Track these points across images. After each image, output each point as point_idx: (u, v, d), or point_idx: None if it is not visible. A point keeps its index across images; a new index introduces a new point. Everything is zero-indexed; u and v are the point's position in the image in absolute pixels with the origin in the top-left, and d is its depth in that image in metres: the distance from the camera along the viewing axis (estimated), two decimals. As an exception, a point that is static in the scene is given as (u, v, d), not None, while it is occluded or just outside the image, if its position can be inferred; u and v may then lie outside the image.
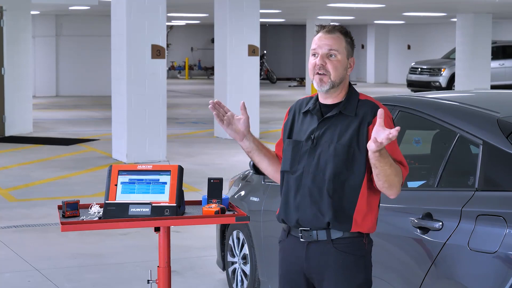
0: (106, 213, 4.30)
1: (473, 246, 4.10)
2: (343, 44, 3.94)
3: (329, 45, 3.91)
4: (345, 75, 3.95)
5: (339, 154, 3.82)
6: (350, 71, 3.98)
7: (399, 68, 38.89)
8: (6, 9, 16.89)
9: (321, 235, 3.84)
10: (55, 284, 7.04)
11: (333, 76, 3.90)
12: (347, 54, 3.95)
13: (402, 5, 23.40)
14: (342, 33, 3.95)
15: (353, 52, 4.00)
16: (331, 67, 3.90)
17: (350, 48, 3.96)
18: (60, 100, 27.09)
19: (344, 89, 3.97)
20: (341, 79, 3.92)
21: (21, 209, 10.02)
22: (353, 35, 4.06)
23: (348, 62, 3.95)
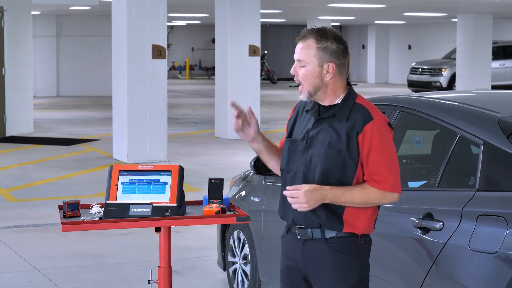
0: (106, 213, 4.30)
1: (473, 246, 4.10)
2: (313, 52, 3.83)
3: (298, 54, 3.89)
4: (319, 82, 3.84)
5: (330, 158, 3.82)
6: (330, 76, 3.84)
7: (399, 68, 38.89)
8: (7, 9, 16.89)
9: (316, 234, 3.86)
10: (56, 284, 7.04)
11: (306, 86, 3.87)
12: (319, 62, 3.83)
13: (402, 5, 23.40)
14: (316, 39, 3.83)
15: (340, 55, 3.85)
16: (301, 78, 3.88)
17: (325, 54, 3.82)
18: (60, 100, 27.09)
19: (339, 91, 3.89)
20: (316, 88, 3.85)
21: (21, 209, 10.02)
22: (354, 35, 4.03)
23: (324, 69, 3.83)
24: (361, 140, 3.79)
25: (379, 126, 3.80)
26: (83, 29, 29.40)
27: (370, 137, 3.78)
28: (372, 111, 3.84)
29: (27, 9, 17.84)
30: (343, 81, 3.91)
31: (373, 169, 3.79)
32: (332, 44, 3.82)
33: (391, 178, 3.80)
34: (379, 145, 3.78)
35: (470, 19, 26.02)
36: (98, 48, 28.90)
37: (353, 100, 3.88)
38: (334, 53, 3.83)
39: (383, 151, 3.78)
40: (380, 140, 3.78)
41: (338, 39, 3.84)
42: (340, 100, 3.88)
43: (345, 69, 3.92)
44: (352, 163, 3.80)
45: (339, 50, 3.84)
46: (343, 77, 3.90)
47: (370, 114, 3.81)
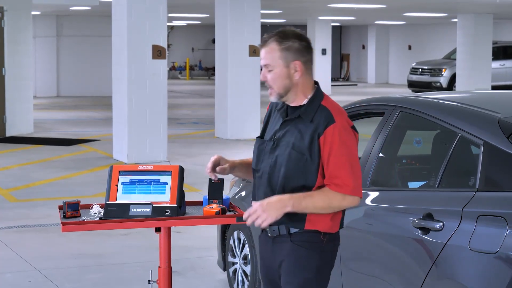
0: (107, 213, 4.30)
1: (474, 246, 4.10)
2: (277, 54, 3.85)
3: (263, 60, 3.91)
4: (289, 83, 3.87)
5: (292, 160, 3.84)
6: (299, 74, 3.86)
7: (399, 69, 38.89)
8: (7, 10, 16.89)
9: (282, 230, 3.92)
10: (56, 285, 7.04)
11: (276, 88, 3.90)
12: (285, 62, 3.85)
13: (403, 5, 23.39)
14: (277, 41, 3.85)
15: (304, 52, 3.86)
16: (270, 81, 3.90)
17: (289, 53, 3.84)
18: (60, 100, 27.10)
19: (308, 91, 3.90)
20: (286, 88, 3.88)
21: (21, 210, 10.02)
22: (354, 36, 4.05)
23: (291, 68, 3.86)
24: (322, 143, 3.80)
25: (340, 129, 3.80)
26: (83, 29, 29.40)
27: (331, 140, 3.78)
28: (335, 113, 3.84)
29: (27, 9, 17.84)
30: (311, 79, 3.94)
31: (333, 173, 3.79)
32: (294, 43, 3.86)
33: (351, 181, 3.79)
34: (339, 148, 3.79)
35: (470, 19, 26.01)
36: (98, 48, 28.91)
37: (319, 101, 3.89)
38: (298, 51, 3.86)
39: (343, 154, 3.79)
40: (341, 143, 3.79)
41: (299, 37, 3.87)
42: (306, 101, 3.89)
43: (311, 67, 3.94)
44: (313, 166, 3.81)
45: (302, 47, 3.87)
46: (310, 75, 3.93)
47: (332, 117, 3.82)
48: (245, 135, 16.50)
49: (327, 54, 31.58)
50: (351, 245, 5.01)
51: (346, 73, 42.37)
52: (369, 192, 4.99)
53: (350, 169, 3.79)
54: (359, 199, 3.84)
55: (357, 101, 5.65)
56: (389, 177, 5.41)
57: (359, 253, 5.00)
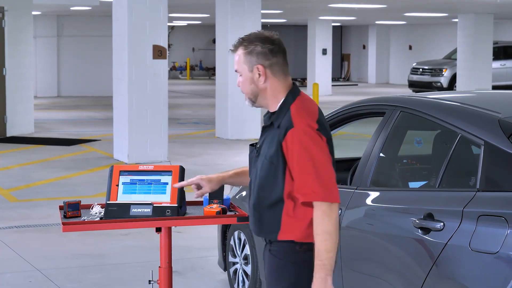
0: (107, 213, 4.30)
1: (474, 246, 4.10)
2: (242, 59, 3.79)
3: (234, 66, 3.87)
4: (255, 88, 3.80)
5: (264, 169, 3.77)
6: (263, 79, 3.77)
7: (400, 69, 38.90)
8: (8, 10, 16.90)
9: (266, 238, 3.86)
10: (56, 285, 7.04)
11: (245, 94, 3.85)
12: (249, 67, 3.78)
13: (403, 5, 23.39)
14: (242, 45, 3.79)
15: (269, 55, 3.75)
16: (240, 87, 3.87)
17: (252, 57, 3.76)
18: (61, 100, 27.10)
19: (279, 95, 3.79)
20: (255, 93, 3.80)
21: (22, 210, 10.02)
22: (355, 36, 4.02)
23: (254, 73, 3.78)
24: (285, 150, 3.69)
25: (300, 133, 3.65)
26: (84, 29, 29.41)
27: (291, 147, 3.67)
28: (296, 117, 3.69)
29: (28, 9, 17.84)
30: (283, 82, 3.80)
31: (299, 182, 3.66)
32: (256, 46, 3.76)
33: (318, 187, 3.62)
34: (300, 155, 3.64)
35: (471, 19, 26.01)
36: (98, 48, 28.91)
37: (290, 104, 3.75)
38: (261, 54, 3.76)
39: (305, 160, 3.64)
40: (301, 149, 3.64)
41: (263, 40, 3.77)
42: (278, 106, 3.79)
43: (282, 69, 3.79)
44: (281, 175, 3.71)
45: (266, 51, 3.75)
46: (280, 78, 3.79)
47: (291, 121, 3.68)
48: (246, 135, 16.51)
49: (327, 54, 31.58)
50: (351, 245, 5.01)
51: (347, 73, 42.38)
52: (369, 192, 4.99)
53: (315, 175, 3.62)
54: (337, 205, 3.65)
55: (357, 101, 5.65)
56: (389, 177, 5.41)
57: (359, 253, 5.00)
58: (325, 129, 3.74)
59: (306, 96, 3.85)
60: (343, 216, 5.03)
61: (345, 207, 5.05)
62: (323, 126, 3.73)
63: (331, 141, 3.80)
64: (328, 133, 3.77)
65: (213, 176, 4.25)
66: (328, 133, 3.77)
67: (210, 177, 4.24)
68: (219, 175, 4.26)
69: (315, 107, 3.80)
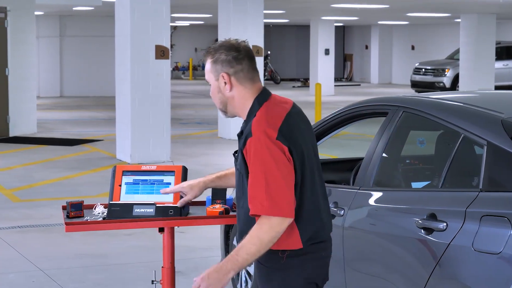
0: (110, 213, 4.30)
1: (477, 246, 4.09)
2: (209, 69, 3.77)
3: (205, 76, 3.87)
4: (222, 97, 3.76)
5: (237, 180, 3.77)
6: (228, 86, 3.72)
7: (403, 69, 38.88)
8: (10, 10, 16.91)
9: None
10: (59, 285, 7.04)
11: (216, 105, 3.83)
12: (215, 76, 3.75)
13: (406, 5, 23.39)
14: (209, 54, 3.77)
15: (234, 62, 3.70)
16: (211, 96, 3.85)
17: (217, 66, 3.73)
18: (64, 100, 27.12)
19: (247, 102, 3.74)
20: (223, 102, 3.77)
21: (25, 210, 10.03)
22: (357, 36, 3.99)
23: (220, 82, 3.75)
24: (247, 159, 3.63)
25: (256, 143, 3.56)
26: (87, 29, 29.43)
27: (248, 156, 3.61)
28: (255, 125, 3.60)
29: (30, 9, 17.86)
30: (250, 89, 3.74)
31: (250, 192, 3.59)
32: (221, 55, 3.73)
33: (266, 201, 3.52)
34: (253, 164, 3.57)
35: (474, 19, 26.00)
36: (101, 48, 28.92)
37: (256, 111, 3.68)
38: (225, 62, 3.71)
39: (257, 170, 3.55)
40: (255, 158, 3.57)
41: (228, 48, 3.73)
42: (247, 113, 3.75)
43: (248, 75, 3.74)
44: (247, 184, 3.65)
45: (230, 58, 3.71)
46: (247, 85, 3.74)
47: (250, 130, 3.60)
48: (248, 135, 16.49)
49: (330, 54, 31.58)
50: (354, 245, 5.01)
51: (349, 73, 42.36)
52: (372, 192, 4.99)
53: (265, 187, 3.52)
54: (283, 219, 3.54)
55: (360, 101, 5.65)
56: (392, 177, 5.41)
57: (362, 254, 5.00)
58: (288, 138, 3.61)
59: (277, 100, 3.77)
60: (346, 216, 5.03)
61: (348, 207, 5.05)
62: (285, 134, 3.61)
63: (299, 149, 3.65)
64: (292, 141, 3.63)
65: (194, 183, 4.23)
66: (292, 142, 3.62)
67: (191, 184, 4.23)
68: (201, 180, 4.24)
69: (281, 113, 3.68)
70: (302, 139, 3.70)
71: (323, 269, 3.83)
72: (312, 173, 3.73)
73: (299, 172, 3.65)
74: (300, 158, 3.66)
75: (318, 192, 3.78)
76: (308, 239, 3.70)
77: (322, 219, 3.78)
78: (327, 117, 5.77)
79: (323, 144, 5.96)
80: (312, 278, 3.77)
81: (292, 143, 3.62)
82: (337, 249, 5.05)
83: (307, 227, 3.70)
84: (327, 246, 3.84)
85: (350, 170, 5.88)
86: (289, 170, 3.59)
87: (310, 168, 3.72)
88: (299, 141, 3.67)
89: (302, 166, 3.66)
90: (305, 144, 3.71)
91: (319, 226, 3.76)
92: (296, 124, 3.71)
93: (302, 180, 3.67)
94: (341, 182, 5.94)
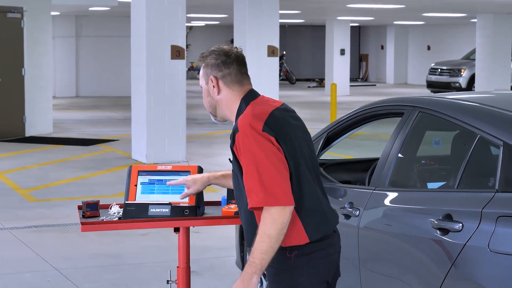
0: (126, 213, 4.31)
1: (493, 247, 4.08)
2: (201, 73, 3.88)
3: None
4: (212, 100, 3.85)
5: (234, 181, 3.82)
6: (216, 90, 3.81)
7: (418, 69, 38.78)
8: (27, 10, 16.98)
9: None
10: (75, 284, 7.06)
11: (207, 108, 3.91)
12: (205, 80, 3.86)
13: (421, 5, 23.33)
14: (201, 60, 3.87)
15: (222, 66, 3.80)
16: (203, 101, 3.93)
17: (207, 70, 3.84)
18: (80, 100, 27.20)
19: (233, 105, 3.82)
20: (212, 106, 3.86)
21: (41, 209, 10.06)
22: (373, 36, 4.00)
23: (210, 85, 3.83)
24: (238, 156, 3.68)
25: (243, 136, 3.62)
26: (102, 29, 29.50)
27: (238, 151, 3.66)
28: (241, 121, 3.67)
29: (46, 10, 17.93)
30: (238, 92, 3.82)
31: (246, 186, 3.62)
32: (211, 59, 3.84)
33: (261, 191, 3.55)
34: (244, 158, 3.61)
35: (490, 19, 25.91)
36: (117, 48, 28.99)
37: (243, 110, 3.76)
38: (213, 66, 3.82)
39: (250, 163, 3.59)
40: (244, 151, 3.62)
41: (218, 53, 3.83)
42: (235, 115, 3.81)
43: (236, 79, 3.81)
44: (242, 182, 3.69)
45: (219, 62, 3.81)
46: (235, 89, 3.81)
47: (237, 126, 3.67)
48: (264, 136, 16.49)
49: (345, 55, 31.53)
50: (369, 245, 5.00)
51: (365, 74, 42.30)
52: (388, 192, 4.98)
53: (258, 179, 3.56)
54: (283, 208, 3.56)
55: (376, 101, 5.64)
56: (408, 177, 5.39)
57: (377, 254, 4.99)
58: (274, 129, 3.64)
59: (265, 99, 3.82)
60: (361, 216, 5.03)
61: (363, 207, 5.04)
62: (271, 126, 3.64)
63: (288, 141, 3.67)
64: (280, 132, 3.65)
65: (198, 177, 4.25)
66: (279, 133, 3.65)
67: (195, 178, 4.25)
68: (204, 175, 4.26)
69: (267, 109, 3.72)
70: (292, 133, 3.73)
71: (333, 266, 3.82)
72: (308, 165, 3.74)
73: (292, 162, 3.67)
74: (290, 149, 3.68)
75: (316, 186, 3.78)
76: (313, 232, 3.71)
77: (324, 211, 3.79)
78: (342, 117, 5.77)
79: (339, 144, 5.96)
80: (322, 276, 3.77)
81: (279, 134, 3.65)
82: (352, 249, 5.06)
83: (310, 220, 3.71)
84: (334, 241, 3.84)
85: (366, 170, 5.87)
86: (280, 159, 3.62)
87: (304, 160, 3.73)
88: (289, 133, 3.70)
89: (294, 156, 3.68)
90: (295, 139, 3.73)
91: (322, 218, 3.77)
92: (284, 118, 3.74)
93: (298, 172, 3.69)
94: (356, 183, 5.93)
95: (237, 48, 3.91)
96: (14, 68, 16.83)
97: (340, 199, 5.26)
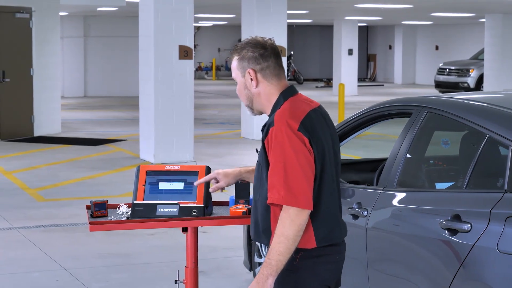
0: (134, 213, 4.32)
1: (502, 248, 4.07)
2: (236, 66, 3.83)
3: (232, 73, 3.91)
4: (249, 93, 3.82)
5: (256, 171, 3.80)
6: (255, 83, 3.79)
7: (427, 69, 38.73)
8: (35, 10, 17.01)
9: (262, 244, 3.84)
10: (83, 284, 7.07)
11: (243, 101, 3.88)
12: (242, 73, 3.82)
13: (430, 5, 23.30)
14: (236, 52, 3.83)
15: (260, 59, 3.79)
16: (238, 94, 3.90)
17: (244, 63, 3.80)
18: (88, 100, 27.24)
19: (272, 97, 3.80)
20: (250, 99, 3.83)
21: (49, 209, 10.08)
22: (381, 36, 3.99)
23: (247, 78, 3.81)
24: (268, 149, 3.67)
25: (277, 132, 3.60)
26: (111, 30, 29.54)
27: (269, 145, 3.64)
28: (278, 116, 3.65)
29: (55, 10, 17.96)
30: (276, 85, 3.81)
31: (270, 181, 3.61)
32: (247, 52, 3.80)
33: (283, 190, 3.54)
34: (275, 153, 3.60)
35: (498, 19, 25.87)
36: (125, 48, 29.03)
37: (280, 105, 3.74)
38: (251, 59, 3.79)
39: (279, 160, 3.58)
40: (276, 147, 3.60)
41: (254, 45, 3.81)
42: (271, 108, 3.80)
43: (274, 72, 3.80)
44: (265, 174, 3.69)
45: (257, 55, 3.79)
46: (273, 82, 3.80)
47: (273, 120, 3.65)
48: (272, 136, 16.48)
49: (353, 55, 31.51)
50: (377, 246, 4.99)
51: (373, 74, 42.26)
52: (396, 193, 4.98)
53: (284, 177, 3.55)
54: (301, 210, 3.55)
55: (384, 101, 5.63)
56: (416, 178, 5.39)
57: (386, 254, 4.98)
58: (309, 131, 3.63)
59: (303, 98, 3.82)
60: (369, 216, 5.02)
61: (371, 207, 5.04)
62: (307, 127, 3.63)
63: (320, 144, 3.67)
64: (314, 135, 3.65)
65: (229, 171, 4.25)
66: (313, 135, 3.64)
67: (226, 171, 4.25)
68: (236, 169, 4.27)
69: (305, 109, 3.71)
70: (324, 137, 3.71)
71: (336, 272, 3.81)
72: (332, 173, 3.73)
73: (319, 166, 3.66)
74: (320, 153, 3.67)
75: (336, 192, 3.78)
76: (322, 239, 3.69)
77: (338, 220, 3.78)
78: (350, 117, 5.76)
79: (347, 144, 5.95)
80: (325, 281, 3.75)
81: (313, 137, 3.65)
82: (360, 249, 5.06)
83: (322, 226, 3.69)
84: (342, 249, 3.82)
85: (374, 170, 5.87)
86: (309, 162, 3.61)
87: (330, 167, 3.72)
88: (321, 137, 3.69)
89: (322, 161, 3.67)
90: (326, 143, 3.72)
91: (334, 226, 3.75)
92: (319, 121, 3.73)
93: (322, 177, 3.67)
94: (364, 183, 5.93)
95: (271, 40, 3.88)
96: (22, 68, 16.86)
97: (348, 199, 5.25)
